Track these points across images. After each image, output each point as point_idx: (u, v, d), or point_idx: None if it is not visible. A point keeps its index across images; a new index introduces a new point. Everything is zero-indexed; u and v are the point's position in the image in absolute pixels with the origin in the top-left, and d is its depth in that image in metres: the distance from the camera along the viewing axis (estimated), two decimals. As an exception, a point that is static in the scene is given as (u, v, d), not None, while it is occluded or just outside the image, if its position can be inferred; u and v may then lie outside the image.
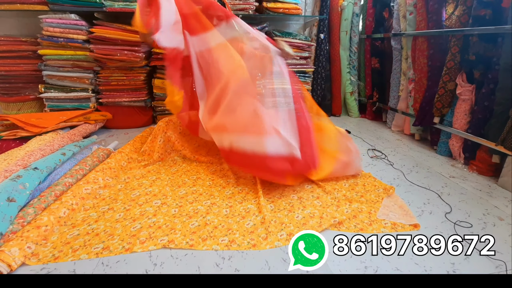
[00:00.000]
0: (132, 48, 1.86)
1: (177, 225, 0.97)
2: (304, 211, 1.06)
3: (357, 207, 1.09)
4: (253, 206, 1.09)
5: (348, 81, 2.49)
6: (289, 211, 1.06)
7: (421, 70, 1.83)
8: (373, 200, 1.13)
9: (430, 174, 1.39)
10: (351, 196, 1.16)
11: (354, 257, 0.76)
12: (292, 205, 1.10)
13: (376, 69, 2.37)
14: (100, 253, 0.84)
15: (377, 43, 2.36)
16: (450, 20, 1.67)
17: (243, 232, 0.94)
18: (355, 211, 1.05)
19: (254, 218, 1.02)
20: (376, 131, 2.11)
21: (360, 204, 1.10)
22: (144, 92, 2.01)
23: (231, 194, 1.17)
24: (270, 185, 1.23)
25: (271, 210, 1.06)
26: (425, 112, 1.78)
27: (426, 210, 1.07)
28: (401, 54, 2.08)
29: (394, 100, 2.15)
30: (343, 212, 1.06)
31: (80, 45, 1.81)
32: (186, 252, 0.85)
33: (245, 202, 1.12)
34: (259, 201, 1.10)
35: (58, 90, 1.89)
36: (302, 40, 2.23)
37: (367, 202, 1.11)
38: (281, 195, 1.16)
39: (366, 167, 1.44)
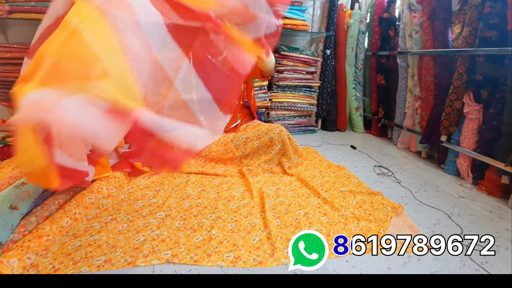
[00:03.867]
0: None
1: (181, 238, 0.94)
2: (311, 227, 1.04)
3: (366, 225, 1.06)
4: (259, 220, 1.07)
5: (354, 96, 2.51)
6: (296, 227, 1.04)
7: (428, 88, 1.83)
8: (381, 219, 1.11)
9: (439, 194, 1.36)
10: (359, 214, 1.14)
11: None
12: (299, 221, 1.08)
13: (382, 85, 2.38)
14: (102, 266, 0.81)
15: (382, 60, 2.39)
16: (457, 40, 1.69)
17: (248, 248, 0.92)
18: (364, 230, 1.03)
19: (260, 233, 0.99)
20: (381, 147, 2.10)
21: (369, 223, 1.08)
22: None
23: (237, 208, 1.15)
24: (275, 199, 1.21)
25: (277, 226, 1.04)
26: (432, 130, 1.77)
27: (436, 231, 1.05)
28: (407, 72, 2.10)
29: (400, 117, 2.15)
30: (351, 230, 1.03)
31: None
32: (190, 268, 0.82)
33: (250, 216, 1.10)
34: (265, 216, 1.08)
35: (66, 98, 1.90)
36: (308, 55, 2.26)
37: (376, 221, 1.09)
38: (287, 211, 1.14)
39: (373, 184, 1.42)
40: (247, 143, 1.52)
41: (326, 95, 2.46)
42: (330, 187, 1.36)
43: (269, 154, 1.53)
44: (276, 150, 1.53)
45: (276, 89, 2.27)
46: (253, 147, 1.52)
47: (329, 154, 1.85)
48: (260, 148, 1.53)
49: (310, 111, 2.39)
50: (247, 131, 1.55)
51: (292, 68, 2.24)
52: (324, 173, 1.54)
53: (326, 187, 1.36)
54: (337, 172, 1.56)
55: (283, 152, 1.54)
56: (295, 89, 2.31)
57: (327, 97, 2.46)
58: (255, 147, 1.52)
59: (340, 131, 2.54)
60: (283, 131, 1.53)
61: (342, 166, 1.61)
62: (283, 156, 1.54)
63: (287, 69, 2.23)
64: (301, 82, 2.29)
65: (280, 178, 1.45)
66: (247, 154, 1.53)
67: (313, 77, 2.35)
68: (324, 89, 2.45)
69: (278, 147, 1.52)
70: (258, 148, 1.53)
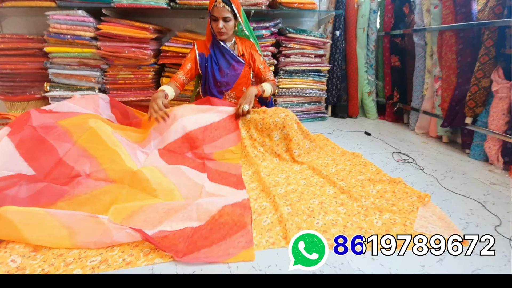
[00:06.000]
0: (140, 45, 1.78)
1: (186, 231, 0.86)
2: (325, 217, 0.94)
3: (389, 218, 0.95)
4: (269, 204, 1.01)
5: (366, 80, 2.36)
6: (308, 216, 0.95)
7: (449, 66, 1.68)
8: (406, 209, 0.99)
9: (467, 181, 1.23)
10: (381, 204, 1.02)
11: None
12: (312, 209, 0.98)
13: (396, 67, 2.23)
14: (97, 267, 0.72)
15: (396, 40, 2.22)
16: (483, 12, 1.53)
17: (260, 231, 0.87)
18: (388, 224, 0.92)
19: (271, 216, 0.94)
20: (398, 133, 1.96)
21: (392, 214, 0.96)
22: (153, 92, 1.93)
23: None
24: (287, 186, 1.11)
25: (288, 213, 0.95)
26: (455, 112, 1.63)
27: (471, 222, 0.93)
28: (425, 51, 1.94)
29: (418, 100, 2.00)
30: (372, 223, 0.92)
31: (87, 42, 1.75)
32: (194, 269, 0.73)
33: (260, 199, 1.03)
34: (274, 200, 1.01)
35: (64, 89, 1.82)
36: (317, 37, 2.12)
37: (400, 212, 0.97)
38: (300, 198, 1.05)
39: (393, 172, 1.30)
40: (250, 122, 1.42)
41: (336, 80, 2.32)
42: (346, 176, 1.24)
43: (273, 139, 1.42)
44: (281, 135, 1.41)
45: (283, 74, 2.14)
46: (256, 127, 1.43)
47: (341, 141, 1.73)
48: (264, 130, 1.42)
49: (320, 97, 2.26)
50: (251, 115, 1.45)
51: (300, 52, 2.10)
52: (338, 161, 1.43)
53: (342, 176, 1.24)
54: (352, 159, 1.44)
55: (290, 138, 1.41)
56: (303, 74, 2.17)
57: (337, 81, 2.32)
58: (258, 128, 1.42)
59: (351, 117, 2.40)
60: (288, 116, 1.41)
61: (357, 153, 1.49)
62: (291, 142, 1.42)
63: (294, 52, 2.09)
64: (309, 66, 2.15)
65: (290, 166, 1.35)
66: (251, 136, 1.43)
67: (322, 61, 2.21)
68: (334, 73, 2.31)
69: (284, 132, 1.40)
70: (261, 130, 1.42)
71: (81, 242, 0.75)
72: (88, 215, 0.77)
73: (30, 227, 0.74)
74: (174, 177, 1.05)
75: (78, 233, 0.76)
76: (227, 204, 0.91)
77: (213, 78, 1.55)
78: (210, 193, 1.01)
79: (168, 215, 0.87)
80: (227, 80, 1.56)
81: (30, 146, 0.97)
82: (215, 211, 0.87)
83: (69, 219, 0.76)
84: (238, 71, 1.57)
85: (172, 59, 1.91)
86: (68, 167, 0.97)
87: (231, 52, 1.54)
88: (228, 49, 1.53)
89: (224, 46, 1.52)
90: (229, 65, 1.55)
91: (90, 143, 1.05)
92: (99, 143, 1.06)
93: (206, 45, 1.56)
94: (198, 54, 1.54)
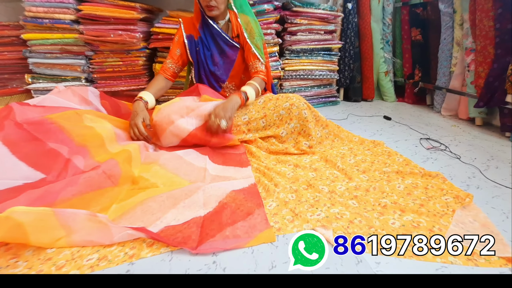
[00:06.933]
0: (127, 27, 1.59)
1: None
2: (330, 209, 0.81)
3: (412, 219, 0.76)
4: (273, 186, 0.92)
5: (382, 59, 2.11)
6: (311, 205, 0.83)
7: (486, 35, 1.43)
8: (438, 211, 0.79)
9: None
10: (405, 203, 0.83)
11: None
12: (318, 199, 0.85)
13: (418, 42, 1.97)
14: (96, 265, 0.63)
15: (417, 11, 1.95)
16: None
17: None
18: (408, 226, 0.73)
19: (276, 199, 0.86)
20: (421, 116, 1.73)
21: (418, 216, 0.77)
22: (144, 79, 1.74)
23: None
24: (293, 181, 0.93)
25: (293, 201, 0.85)
26: (492, 89, 1.39)
27: (537, 228, 0.73)
28: (453, 20, 1.68)
29: (444, 77, 1.75)
30: (387, 223, 0.75)
31: (68, 26, 1.56)
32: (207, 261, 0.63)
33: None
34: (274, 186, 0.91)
35: (48, 80, 1.65)
36: (326, 10, 1.87)
37: (429, 215, 0.77)
38: (309, 185, 0.92)
39: (424, 162, 1.10)
40: (250, 123, 1.22)
41: (348, 59, 2.07)
42: (368, 168, 1.05)
43: (279, 136, 1.22)
44: (288, 130, 1.21)
45: (289, 55, 1.91)
46: (258, 127, 1.22)
47: (358, 128, 1.52)
48: (267, 128, 1.22)
49: (331, 79, 2.02)
50: (249, 109, 1.23)
51: (307, 28, 1.86)
52: (356, 150, 1.23)
53: (363, 168, 1.05)
54: (372, 149, 1.24)
55: (299, 131, 1.21)
56: (312, 53, 1.94)
57: (350, 61, 2.08)
58: (260, 127, 1.22)
59: (366, 101, 2.17)
60: (294, 105, 1.19)
61: (378, 141, 1.28)
62: (299, 135, 1.22)
63: (301, 29, 1.86)
64: (318, 44, 1.91)
65: (298, 158, 1.15)
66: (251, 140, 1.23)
67: (332, 38, 1.96)
68: (346, 51, 2.06)
69: (291, 126, 1.20)
70: (264, 128, 1.22)
71: (77, 241, 0.69)
72: (88, 213, 0.71)
73: (39, 229, 0.65)
74: (174, 166, 1.01)
75: (77, 232, 0.69)
76: (234, 189, 0.88)
77: (207, 66, 1.32)
78: (214, 175, 0.98)
79: (171, 204, 0.81)
80: (220, 70, 1.32)
81: (26, 148, 0.86)
82: (223, 196, 0.84)
83: (69, 218, 0.70)
84: (233, 57, 1.31)
85: (164, 42, 1.71)
86: (74, 167, 0.90)
87: (223, 34, 1.27)
88: (220, 31, 1.27)
89: (215, 27, 1.26)
90: (222, 52, 1.31)
91: (90, 142, 0.97)
92: (99, 143, 1.00)
93: (194, 24, 1.30)
94: (186, 37, 1.29)
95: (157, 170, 1.00)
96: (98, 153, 0.98)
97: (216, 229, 0.72)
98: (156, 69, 1.73)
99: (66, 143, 0.94)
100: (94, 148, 0.97)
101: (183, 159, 1.06)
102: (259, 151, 1.16)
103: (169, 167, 1.01)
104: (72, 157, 0.91)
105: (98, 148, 0.99)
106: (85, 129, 1.01)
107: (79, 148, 0.94)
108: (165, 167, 1.01)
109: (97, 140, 1.00)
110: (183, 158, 1.06)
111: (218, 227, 0.73)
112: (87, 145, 0.96)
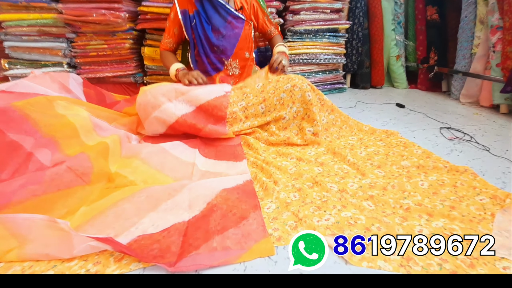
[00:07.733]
0: (110, 6, 1.43)
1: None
2: (340, 213, 0.67)
3: (443, 226, 0.62)
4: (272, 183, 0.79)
5: (393, 41, 1.93)
6: (318, 207, 0.69)
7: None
8: (474, 215, 0.65)
9: (559, 164, 0.87)
10: (432, 205, 0.69)
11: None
12: (326, 200, 0.72)
13: (434, 21, 1.78)
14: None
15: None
16: None
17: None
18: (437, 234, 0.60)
19: (275, 200, 0.73)
20: (438, 104, 1.57)
21: (450, 222, 0.63)
22: (132, 65, 1.59)
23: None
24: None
25: (296, 202, 0.72)
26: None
27: None
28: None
29: (464, 60, 1.58)
30: (413, 230, 0.62)
31: (46, 5, 1.41)
32: None
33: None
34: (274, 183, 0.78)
35: (26, 66, 1.51)
36: (333, -14, 1.69)
37: (464, 220, 0.63)
38: (315, 182, 0.78)
39: (448, 155, 0.95)
40: (247, 109, 1.08)
41: (356, 42, 1.90)
42: (384, 161, 0.90)
43: (280, 121, 1.08)
44: (290, 114, 1.07)
45: (291, 37, 1.74)
46: (257, 113, 1.08)
47: (368, 117, 1.37)
48: (267, 114, 1.09)
49: (337, 63, 1.85)
50: (246, 93, 1.10)
51: (312, 6, 1.69)
52: (366, 141, 1.08)
53: (377, 162, 0.90)
54: (385, 139, 1.09)
55: (302, 116, 1.07)
56: (317, 35, 1.76)
57: (358, 44, 1.90)
58: (259, 113, 1.08)
59: (375, 87, 2.00)
60: (296, 86, 1.06)
61: (392, 131, 1.13)
62: (303, 120, 1.08)
63: (304, 7, 1.68)
64: (324, 24, 1.74)
65: (302, 150, 1.01)
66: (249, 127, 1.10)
67: (339, 17, 1.79)
68: (354, 33, 1.88)
69: (294, 109, 1.07)
70: (263, 114, 1.08)
71: (31, 254, 0.57)
72: (46, 218, 0.60)
73: None
74: (158, 160, 0.89)
75: (31, 242, 0.58)
76: (226, 187, 0.74)
77: (207, 41, 1.21)
78: (204, 171, 0.85)
79: (150, 206, 0.68)
80: (224, 43, 1.22)
81: None
82: (212, 196, 0.70)
83: (22, 225, 0.59)
84: (238, 29, 1.22)
85: (153, 23, 1.55)
86: (37, 162, 0.77)
87: (226, 5, 1.18)
88: (223, 2, 1.17)
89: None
90: (225, 22, 1.20)
91: (60, 133, 0.84)
92: (71, 133, 0.87)
93: None
94: (180, 12, 1.20)
95: (138, 165, 0.87)
96: (69, 145, 0.84)
97: (201, 238, 0.60)
98: (145, 53, 1.58)
99: (31, 133, 0.81)
100: (64, 139, 0.84)
101: (168, 153, 0.93)
102: (257, 142, 1.03)
103: (152, 162, 0.88)
104: (35, 150, 0.78)
105: (69, 140, 0.85)
106: (55, 117, 0.87)
107: (46, 140, 0.81)
108: (148, 161, 0.88)
109: (68, 130, 0.87)
110: (169, 152, 0.93)
111: (204, 235, 0.60)
112: (55, 136, 0.83)
